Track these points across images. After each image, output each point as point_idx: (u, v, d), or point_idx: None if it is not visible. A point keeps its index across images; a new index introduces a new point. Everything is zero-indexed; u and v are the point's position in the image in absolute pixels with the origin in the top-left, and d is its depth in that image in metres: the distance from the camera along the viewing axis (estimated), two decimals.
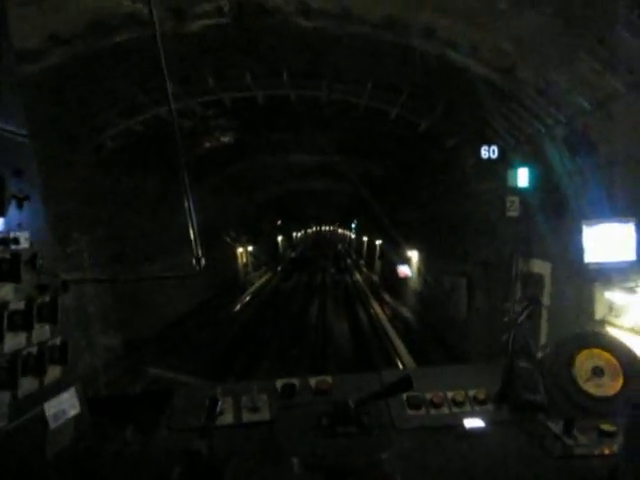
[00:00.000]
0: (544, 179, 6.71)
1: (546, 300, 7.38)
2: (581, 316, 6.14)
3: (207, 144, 12.62)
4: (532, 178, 6.77)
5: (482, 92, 6.43)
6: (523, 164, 6.81)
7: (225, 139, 12.83)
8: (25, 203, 1.71)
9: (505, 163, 7.24)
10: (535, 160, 6.75)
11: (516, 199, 6.98)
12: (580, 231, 5.44)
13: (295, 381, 2.43)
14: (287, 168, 19.11)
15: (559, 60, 4.91)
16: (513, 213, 7.00)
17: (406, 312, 18.17)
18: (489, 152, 7.22)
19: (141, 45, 6.48)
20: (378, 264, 29.05)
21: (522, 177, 6.78)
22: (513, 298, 8.23)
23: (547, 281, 7.34)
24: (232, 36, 7.07)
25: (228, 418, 2.21)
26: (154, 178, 12.05)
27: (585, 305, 6.04)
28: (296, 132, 13.04)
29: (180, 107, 8.84)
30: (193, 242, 2.26)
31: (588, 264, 5.37)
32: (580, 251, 5.71)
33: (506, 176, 6.92)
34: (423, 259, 16.32)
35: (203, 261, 2.30)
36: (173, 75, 7.92)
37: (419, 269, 16.88)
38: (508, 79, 5.83)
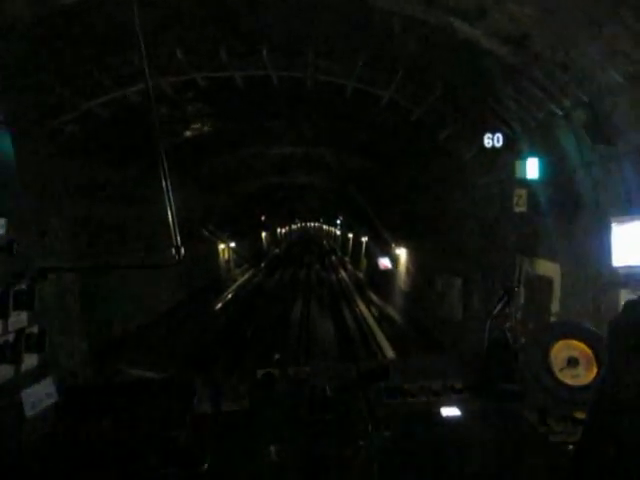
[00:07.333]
0: (556, 170, 5.93)
1: (555, 307, 6.63)
2: (601, 327, 5.39)
3: (182, 132, 11.67)
4: (542, 169, 5.97)
5: (488, 70, 5.63)
6: (533, 153, 6.02)
7: (202, 127, 11.90)
8: (1, 189, 1.72)
9: (511, 152, 6.45)
10: (547, 149, 5.97)
11: (524, 192, 6.19)
12: (606, 230, 4.67)
13: (275, 371, 2.44)
14: (270, 161, 18.21)
15: (587, 24, 4.11)
16: (521, 208, 6.19)
17: (394, 313, 17.40)
18: (493, 140, 6.41)
19: (100, 10, 5.59)
20: (364, 261, 28.34)
21: (531, 168, 5.97)
22: (516, 302, 7.47)
23: (556, 285, 6.57)
24: (204, 4, 6.20)
25: (207, 406, 2.22)
26: (124, 169, 11.08)
27: (607, 314, 5.27)
28: (279, 121, 12.16)
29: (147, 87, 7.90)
30: (172, 231, 2.20)
31: (616, 268, 4.61)
32: (602, 252, 4.95)
33: (513, 167, 6.12)
34: (413, 257, 15.55)
35: (182, 251, 2.23)
36: (136, 48, 7.02)
37: (408, 268, 16.12)
38: (520, 52, 5.01)
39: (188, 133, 11.52)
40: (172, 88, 8.37)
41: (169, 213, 2.25)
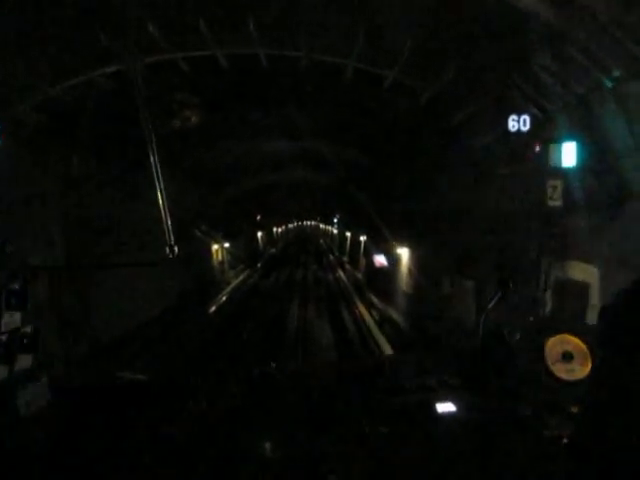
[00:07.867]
0: (598, 156, 5.00)
1: (591, 316, 5.69)
2: None
3: (168, 123, 10.68)
4: (581, 155, 5.03)
5: (520, 37, 4.70)
6: (570, 137, 5.08)
7: (189, 118, 10.92)
8: None
9: (541, 137, 5.51)
10: (587, 130, 5.03)
11: (559, 183, 5.24)
12: None
13: (272, 369, 2.45)
14: (265, 158, 17.25)
15: None
16: (556, 202, 5.25)
17: (396, 316, 16.46)
18: (519, 123, 5.46)
19: None
20: (363, 261, 27.43)
21: (568, 154, 5.04)
22: (542, 310, 6.55)
23: (593, 291, 5.65)
24: None
25: (205, 406, 2.16)
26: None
27: None
28: (271, 112, 11.22)
29: (122, 69, 6.90)
30: (166, 229, 2.17)
31: None
32: None
33: (546, 154, 5.18)
34: (416, 258, 14.61)
35: (176, 249, 2.21)
36: (108, 25, 6.07)
37: (410, 269, 15.18)
38: (566, 11, 4.07)
39: (170, 125, 10.53)
40: (149, 71, 7.38)
41: (162, 213, 2.21)
